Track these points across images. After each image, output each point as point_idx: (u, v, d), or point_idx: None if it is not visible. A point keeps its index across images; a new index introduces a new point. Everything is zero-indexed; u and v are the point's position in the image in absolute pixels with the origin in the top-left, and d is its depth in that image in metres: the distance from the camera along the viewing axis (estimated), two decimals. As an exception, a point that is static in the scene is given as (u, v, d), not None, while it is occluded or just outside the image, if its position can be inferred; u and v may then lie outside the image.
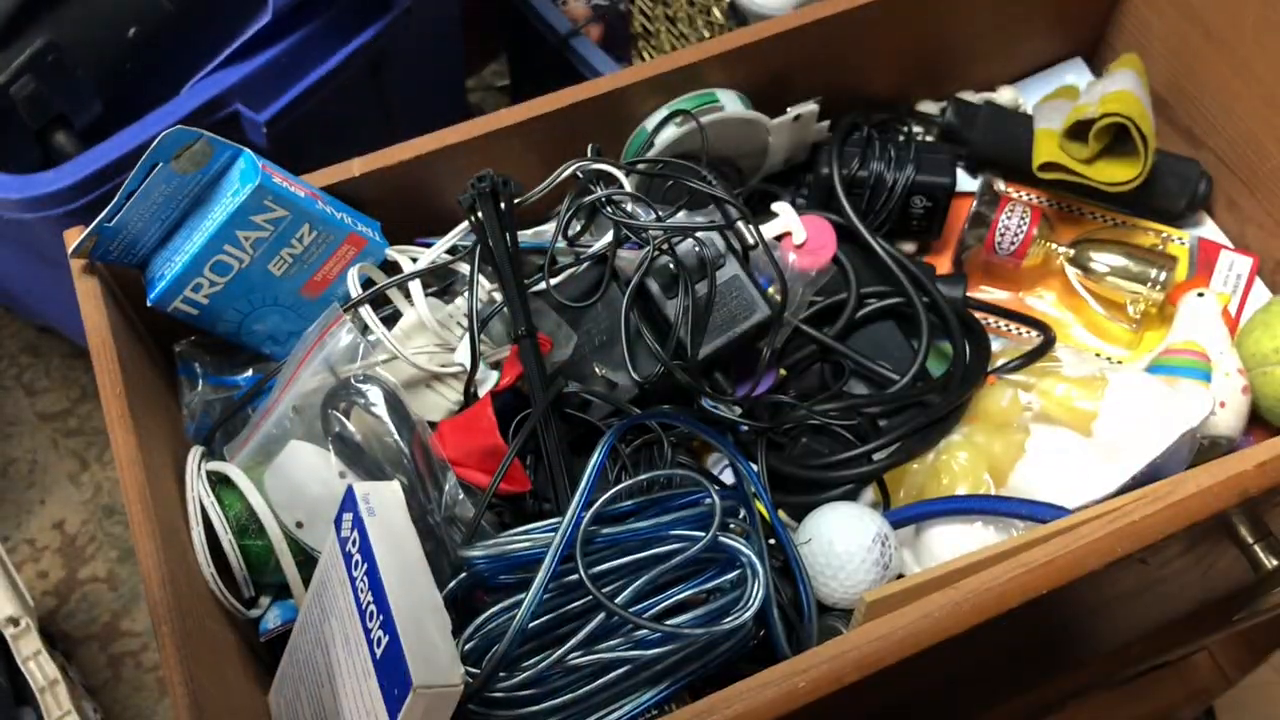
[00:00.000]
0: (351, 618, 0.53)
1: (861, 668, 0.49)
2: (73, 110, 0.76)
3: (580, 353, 0.67)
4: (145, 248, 0.64)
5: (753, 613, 0.55)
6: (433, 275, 0.67)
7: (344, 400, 0.60)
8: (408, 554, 0.55)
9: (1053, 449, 0.67)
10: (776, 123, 0.77)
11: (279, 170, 0.64)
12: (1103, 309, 0.80)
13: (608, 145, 0.72)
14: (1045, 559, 0.50)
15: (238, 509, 0.61)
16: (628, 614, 0.53)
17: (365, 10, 0.82)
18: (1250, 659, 0.90)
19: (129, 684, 0.90)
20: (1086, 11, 0.89)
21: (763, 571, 0.56)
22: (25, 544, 0.96)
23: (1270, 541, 0.55)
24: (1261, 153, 0.80)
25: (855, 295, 0.74)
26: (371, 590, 0.52)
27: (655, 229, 0.67)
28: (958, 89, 0.89)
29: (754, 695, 0.48)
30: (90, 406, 1.02)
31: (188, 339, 0.69)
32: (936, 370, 0.73)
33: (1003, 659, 0.66)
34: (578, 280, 0.68)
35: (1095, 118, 0.76)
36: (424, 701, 0.48)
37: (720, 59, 0.73)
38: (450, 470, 0.60)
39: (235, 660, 0.59)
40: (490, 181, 0.63)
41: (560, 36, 0.97)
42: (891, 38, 0.80)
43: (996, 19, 0.84)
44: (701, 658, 0.57)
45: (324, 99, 0.80)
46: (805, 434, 0.70)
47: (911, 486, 0.68)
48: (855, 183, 0.78)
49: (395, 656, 0.49)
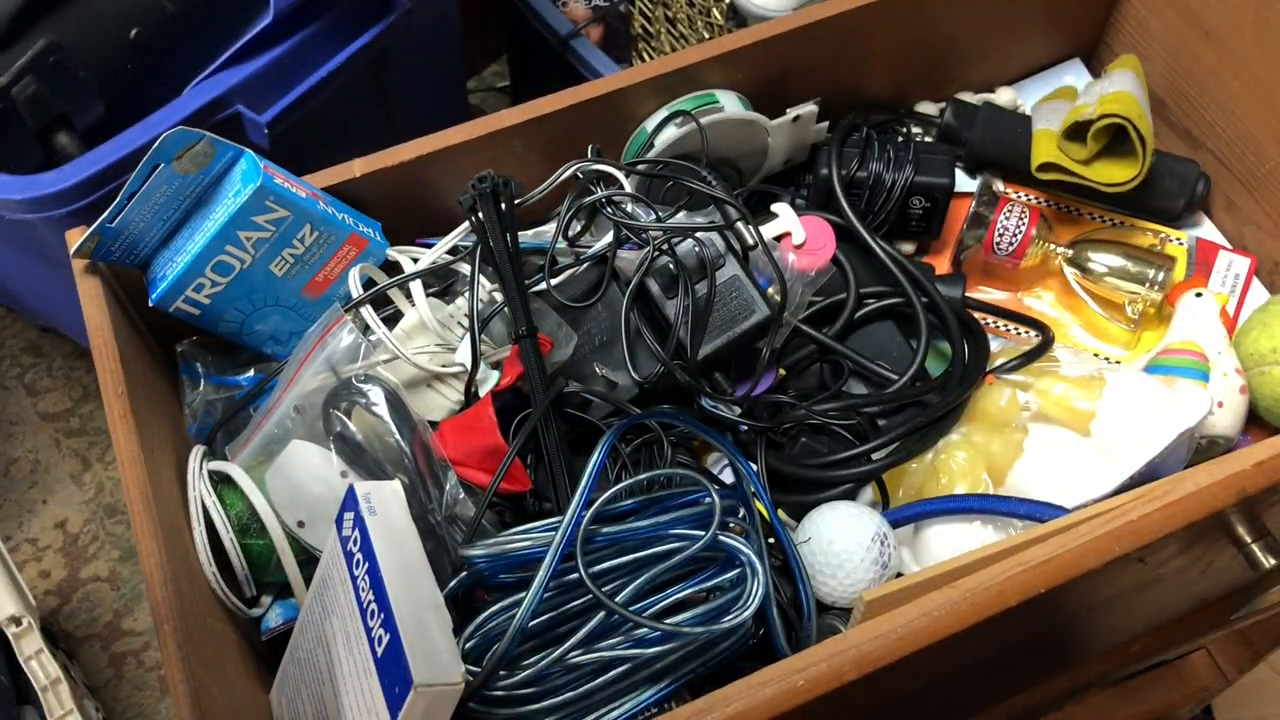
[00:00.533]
0: (353, 616, 0.53)
1: (860, 666, 0.49)
2: (74, 111, 0.76)
3: (580, 352, 0.68)
4: (147, 248, 0.64)
5: (752, 611, 0.55)
6: (433, 275, 0.67)
7: (345, 400, 0.60)
8: (409, 553, 0.55)
9: (1051, 449, 0.67)
10: (776, 123, 0.78)
11: (280, 171, 0.64)
12: (1101, 309, 0.80)
13: (608, 146, 0.72)
14: (1044, 558, 0.51)
15: (239, 508, 0.61)
16: (628, 613, 0.54)
17: (366, 11, 0.83)
18: (1248, 658, 0.90)
19: (131, 683, 0.91)
20: (1085, 13, 0.89)
21: (762, 570, 0.56)
22: (27, 543, 0.96)
23: (1268, 541, 0.55)
24: (1260, 153, 0.80)
25: (854, 295, 0.74)
26: (373, 589, 0.52)
27: (655, 229, 0.67)
28: (957, 90, 0.89)
29: (753, 693, 0.48)
30: (92, 406, 1.03)
31: (189, 339, 0.69)
32: (935, 370, 0.73)
33: (1001, 658, 0.66)
34: (578, 280, 0.68)
35: (1094, 118, 0.76)
36: (425, 700, 0.48)
37: (720, 60, 0.74)
38: (451, 470, 0.60)
39: (237, 659, 0.60)
40: (491, 182, 0.63)
41: (560, 37, 0.97)
42: (891, 39, 0.80)
43: (995, 20, 0.85)
44: (701, 656, 0.57)
45: (325, 100, 0.80)
46: (804, 433, 0.70)
47: (910, 486, 0.68)
48: (854, 183, 0.78)
49: (396, 655, 0.49)
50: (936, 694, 0.66)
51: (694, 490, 0.58)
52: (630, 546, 0.56)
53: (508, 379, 0.64)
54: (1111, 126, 0.77)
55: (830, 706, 0.51)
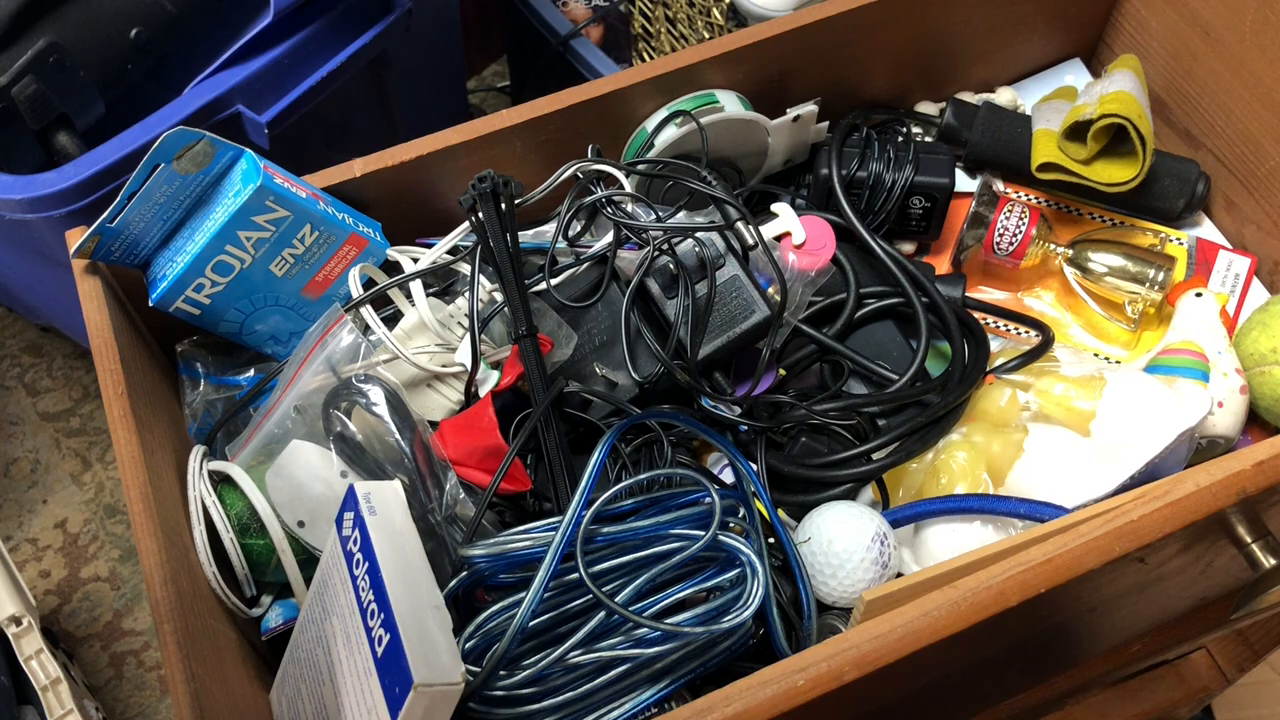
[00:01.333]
0: (353, 616, 0.53)
1: (860, 666, 0.49)
2: (75, 111, 0.76)
3: (580, 352, 0.68)
4: (147, 248, 0.64)
5: (752, 611, 0.56)
6: (434, 275, 0.67)
7: (345, 400, 0.60)
8: (409, 553, 0.55)
9: (1051, 449, 0.67)
10: (776, 123, 0.78)
11: (280, 171, 0.64)
12: (1101, 309, 0.80)
13: (608, 146, 0.72)
14: (1044, 558, 0.51)
15: (239, 508, 0.61)
16: (628, 613, 0.54)
17: (366, 11, 0.83)
18: (1248, 657, 0.90)
19: (131, 683, 0.91)
20: (1085, 13, 0.89)
21: (762, 570, 0.56)
22: (27, 543, 0.96)
23: (1268, 541, 0.55)
24: (1260, 153, 0.80)
25: (855, 295, 0.74)
26: (373, 589, 0.52)
27: (655, 229, 0.67)
28: (956, 90, 0.89)
29: (753, 693, 0.48)
30: (92, 406, 1.03)
31: (189, 339, 0.69)
32: (936, 370, 0.73)
33: (1001, 658, 0.66)
34: (578, 280, 0.68)
35: (1094, 118, 0.76)
36: (425, 700, 0.48)
37: (720, 60, 0.74)
38: (451, 470, 0.60)
39: (237, 659, 0.60)
40: (491, 182, 0.63)
41: (560, 37, 0.97)
42: (890, 39, 0.80)
43: (995, 20, 0.85)
44: (701, 656, 0.57)
45: (325, 100, 0.80)
46: (804, 433, 0.70)
47: (910, 486, 0.68)
48: (854, 183, 0.78)
49: (396, 655, 0.49)
50: (937, 694, 0.66)
51: (694, 490, 0.58)
52: (630, 546, 0.56)
53: (507, 379, 0.64)
54: (1111, 126, 0.77)
55: (830, 707, 0.51)
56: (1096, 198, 0.82)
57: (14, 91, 0.73)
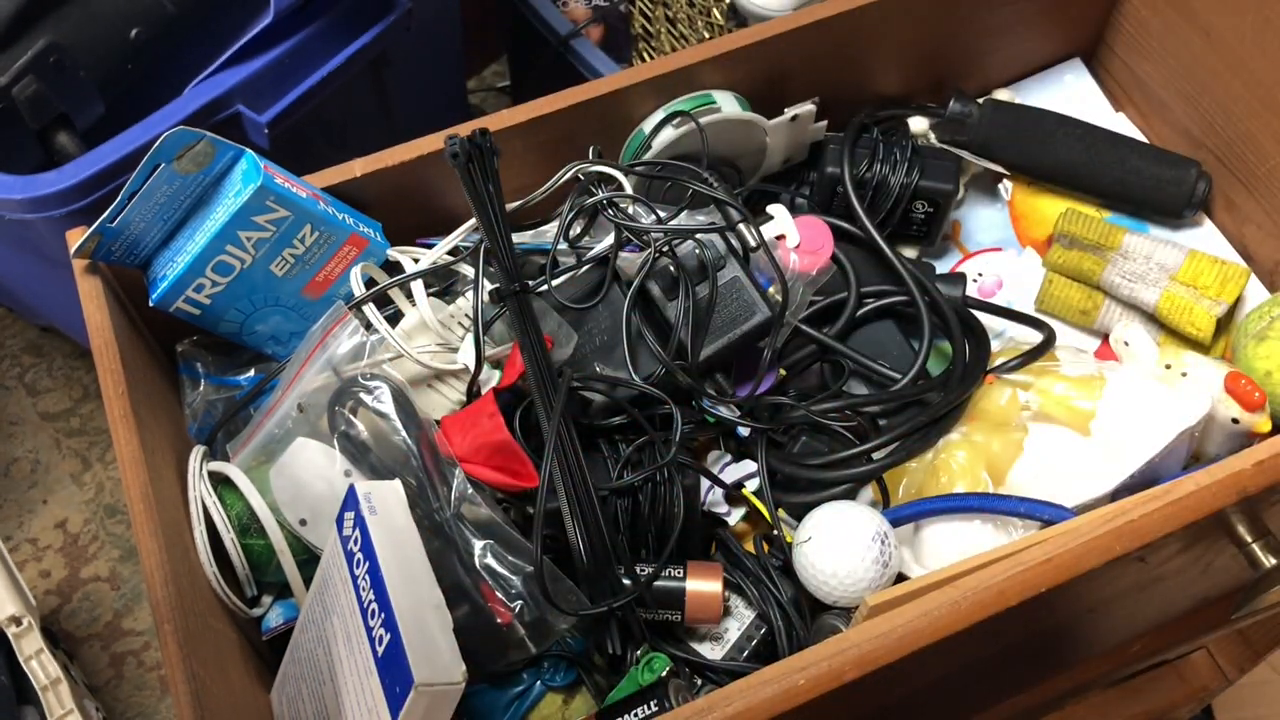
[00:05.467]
0: (353, 616, 0.53)
1: (860, 666, 0.49)
2: (75, 111, 0.76)
3: (581, 353, 0.68)
4: (147, 248, 0.64)
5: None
6: (434, 275, 0.67)
7: (351, 398, 0.60)
8: (409, 552, 0.55)
9: (1051, 448, 0.67)
10: (774, 123, 0.78)
11: (281, 171, 0.64)
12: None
13: (608, 146, 0.72)
14: (1044, 557, 0.51)
15: (239, 508, 0.61)
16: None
17: (366, 11, 0.83)
18: (1249, 657, 0.90)
19: (131, 683, 0.91)
20: (1085, 13, 0.89)
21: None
22: (28, 543, 0.96)
23: (1268, 540, 0.55)
24: (1260, 153, 0.80)
25: (855, 295, 0.74)
26: (373, 588, 0.52)
27: (656, 231, 0.67)
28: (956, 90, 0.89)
29: (753, 693, 0.48)
30: (92, 406, 1.03)
31: (189, 339, 0.69)
32: (936, 369, 0.73)
33: (1002, 658, 0.66)
34: (579, 282, 0.68)
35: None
36: (425, 699, 0.48)
37: (720, 60, 0.74)
38: (458, 467, 0.60)
39: (237, 659, 0.60)
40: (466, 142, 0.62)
41: (560, 37, 0.97)
42: (890, 39, 0.80)
43: (995, 20, 0.85)
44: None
45: (325, 100, 0.80)
46: (805, 433, 0.70)
47: (910, 485, 0.68)
48: (859, 184, 0.78)
49: (397, 654, 0.49)
50: (937, 694, 0.66)
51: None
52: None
53: (509, 378, 0.64)
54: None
55: (831, 707, 0.51)
56: (1096, 198, 0.81)
57: (14, 91, 0.73)
